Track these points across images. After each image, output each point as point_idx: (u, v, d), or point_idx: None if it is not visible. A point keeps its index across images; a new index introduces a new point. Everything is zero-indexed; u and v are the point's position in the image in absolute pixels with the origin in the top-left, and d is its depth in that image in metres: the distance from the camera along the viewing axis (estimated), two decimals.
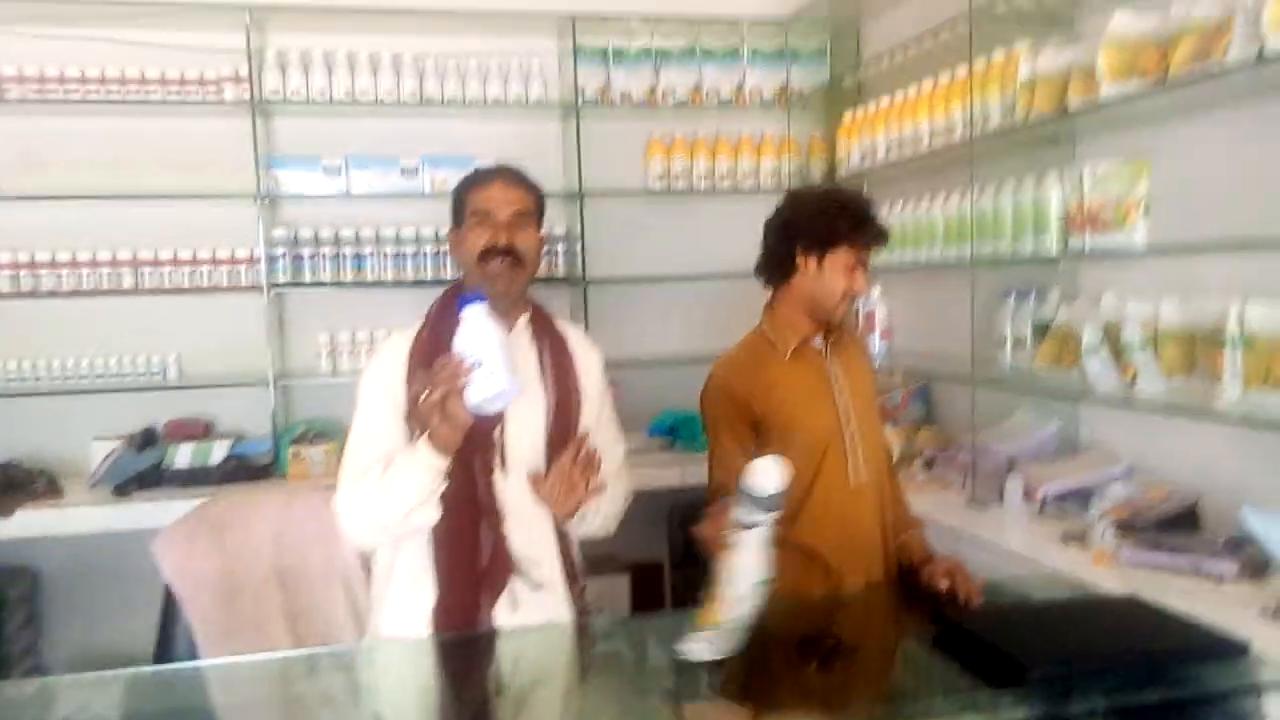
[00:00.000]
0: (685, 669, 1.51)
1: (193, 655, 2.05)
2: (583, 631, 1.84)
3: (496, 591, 1.78)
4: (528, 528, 1.82)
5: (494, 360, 1.59)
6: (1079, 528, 2.18)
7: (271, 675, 1.75)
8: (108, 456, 3.25)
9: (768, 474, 1.48)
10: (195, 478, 3.17)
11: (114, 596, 3.19)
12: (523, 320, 1.89)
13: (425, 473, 1.69)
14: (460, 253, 1.86)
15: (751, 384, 2.00)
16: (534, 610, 1.81)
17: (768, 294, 2.12)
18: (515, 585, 1.79)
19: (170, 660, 2.06)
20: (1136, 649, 1.49)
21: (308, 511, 2.24)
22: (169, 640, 2.12)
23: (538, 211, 1.88)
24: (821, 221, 1.96)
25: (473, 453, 1.75)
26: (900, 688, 1.60)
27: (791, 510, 1.96)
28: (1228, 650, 1.48)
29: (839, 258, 1.95)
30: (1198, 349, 2.09)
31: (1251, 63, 1.83)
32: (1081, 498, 2.30)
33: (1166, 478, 2.31)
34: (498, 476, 1.79)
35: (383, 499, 1.72)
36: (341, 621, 2.19)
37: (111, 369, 3.40)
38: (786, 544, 1.91)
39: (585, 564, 1.96)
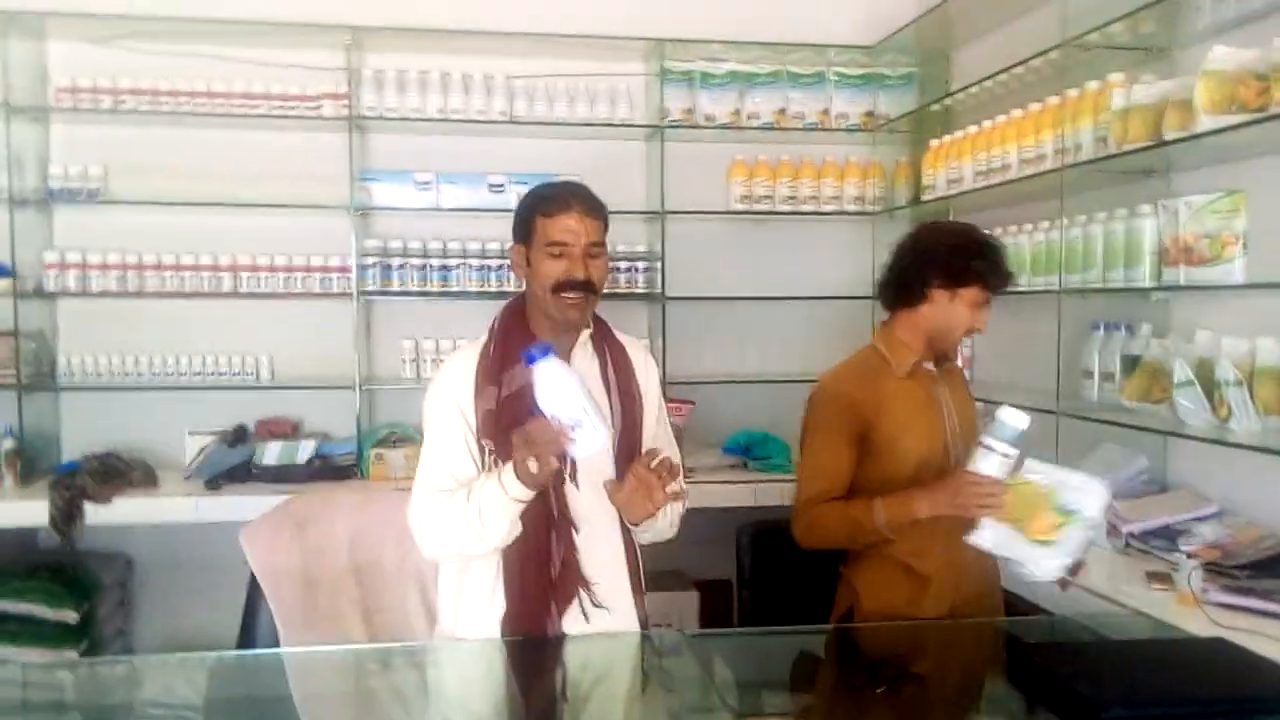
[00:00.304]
0: (746, 686, 1.51)
1: (274, 643, 2.12)
2: (650, 643, 1.85)
3: (566, 602, 1.81)
4: (597, 539, 1.84)
5: (589, 416, 1.61)
6: (1165, 568, 2.12)
7: (346, 666, 1.81)
8: (201, 451, 3.39)
9: (1016, 415, 1.80)
10: (282, 475, 3.28)
11: (202, 584, 3.32)
12: (585, 334, 1.91)
13: (513, 504, 1.71)
14: (531, 278, 1.84)
15: (865, 395, 2.05)
16: (601, 620, 1.83)
17: (884, 315, 2.22)
18: (583, 596, 1.81)
19: (252, 647, 2.14)
20: (1220, 694, 1.45)
21: (384, 512, 2.30)
22: (252, 627, 2.20)
23: (605, 236, 1.88)
24: (960, 258, 2.02)
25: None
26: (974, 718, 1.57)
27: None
28: None
29: (970, 295, 2.02)
30: None
31: None
32: (1168, 537, 2.23)
33: (1259, 521, 2.23)
34: (569, 488, 1.82)
35: (473, 532, 1.74)
36: (415, 619, 2.24)
37: (208, 368, 3.56)
38: (890, 560, 1.95)
39: (646, 575, 1.98)
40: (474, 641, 1.84)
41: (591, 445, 1.63)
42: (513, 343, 1.84)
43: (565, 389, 1.60)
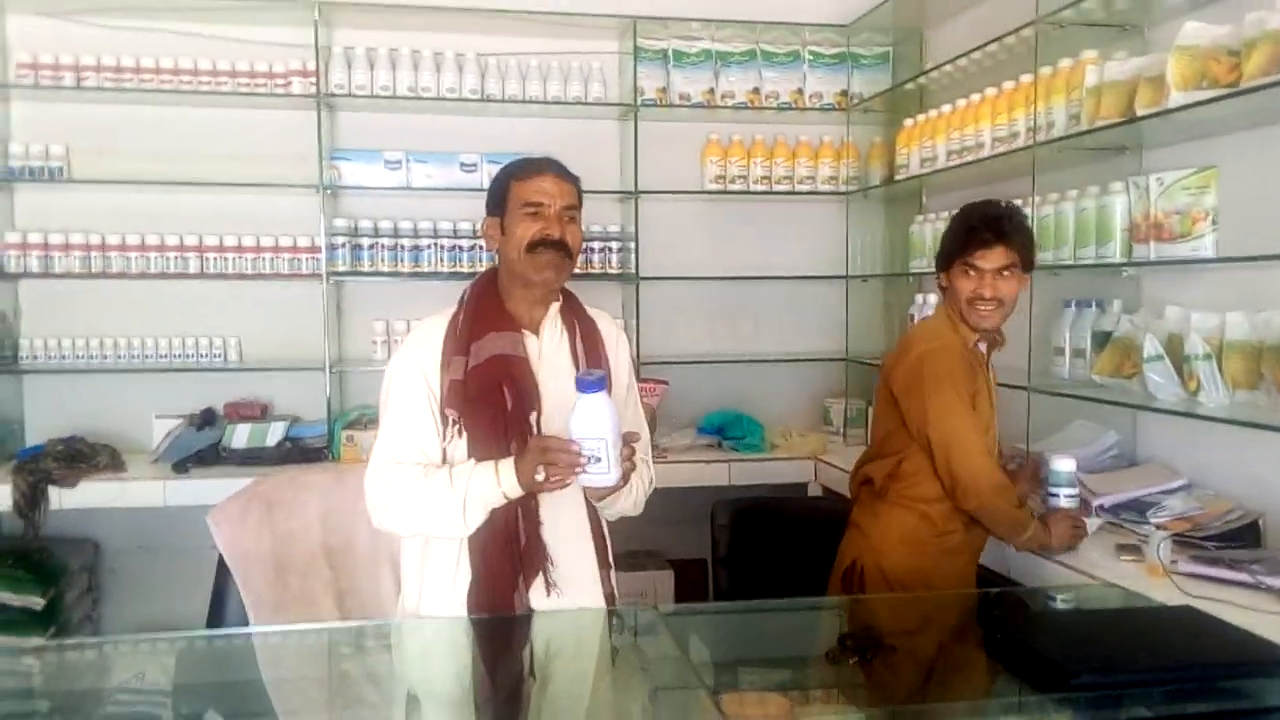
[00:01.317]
0: (718, 661, 1.51)
1: (244, 625, 2.10)
2: (619, 618, 1.84)
3: (532, 575, 1.80)
4: (561, 514, 1.83)
5: (611, 455, 1.61)
6: (1135, 540, 2.14)
7: (312, 646, 1.79)
8: (169, 434, 3.34)
9: (1068, 461, 2.18)
10: (252, 457, 3.25)
11: (170, 568, 3.28)
12: (555, 307, 1.90)
13: (501, 498, 1.71)
14: (505, 242, 1.83)
15: (967, 365, 2.13)
16: (567, 595, 1.82)
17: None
18: (549, 569, 1.80)
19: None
20: (1187, 660, 1.46)
21: (356, 492, 2.26)
22: (221, 611, 2.17)
23: (580, 206, 1.88)
24: (948, 239, 2.17)
25: (510, 438, 1.76)
26: (944, 688, 1.58)
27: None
28: None
29: (959, 267, 2.11)
30: (1264, 362, 2.04)
31: None
32: (1138, 509, 2.25)
33: (1228, 493, 2.26)
34: None
35: (442, 514, 1.73)
36: (388, 600, 2.22)
37: (175, 350, 3.51)
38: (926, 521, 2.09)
39: (622, 556, 1.97)
40: (441, 619, 1.82)
41: (599, 481, 1.64)
42: (483, 313, 1.83)
43: (601, 423, 1.60)
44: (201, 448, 3.27)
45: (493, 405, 1.77)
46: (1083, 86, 2.47)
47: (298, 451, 3.32)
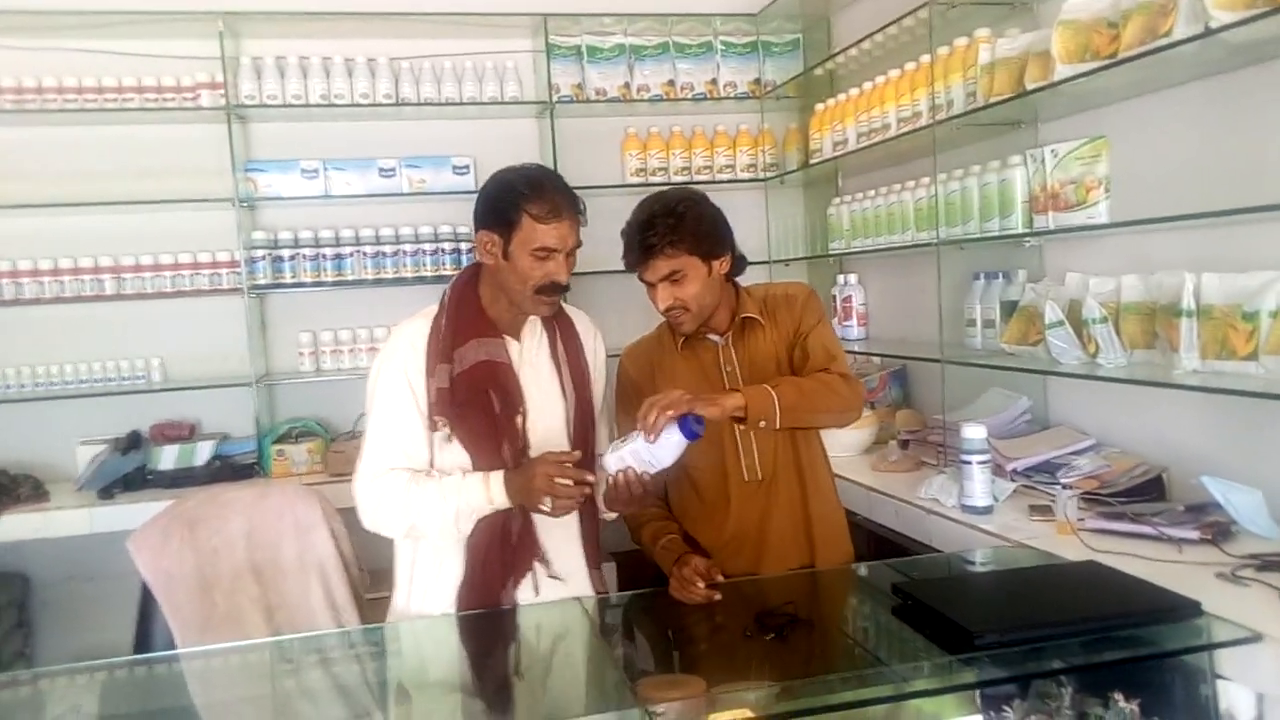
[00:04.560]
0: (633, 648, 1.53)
1: (170, 650, 2.08)
2: (586, 610, 1.86)
3: (521, 574, 1.82)
4: None
5: (631, 456, 1.71)
6: (1047, 500, 2.21)
7: (294, 656, 1.79)
8: (93, 460, 3.28)
9: (977, 428, 2.08)
10: (180, 479, 3.20)
11: (103, 598, 3.21)
12: None
13: (489, 507, 1.76)
14: (507, 269, 1.80)
15: (642, 368, 2.07)
16: (555, 592, 1.85)
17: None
18: (537, 568, 1.83)
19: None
20: (1087, 613, 1.51)
21: (280, 506, 2.27)
22: (146, 636, 2.15)
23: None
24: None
25: (500, 440, 1.79)
26: (859, 656, 1.62)
27: (679, 504, 2.03)
28: (1179, 610, 1.51)
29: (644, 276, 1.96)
30: (1157, 322, 2.11)
31: (1196, 40, 1.85)
32: (1049, 471, 2.33)
33: (1133, 450, 2.34)
34: (523, 462, 1.82)
35: (434, 521, 1.78)
36: (318, 613, 2.22)
37: (95, 374, 3.43)
38: (681, 536, 1.98)
39: (604, 550, 2.00)
40: (429, 618, 1.84)
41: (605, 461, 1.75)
42: (465, 319, 1.83)
43: (670, 456, 1.69)
44: (127, 472, 3.21)
45: (481, 410, 1.80)
46: (977, 65, 2.54)
47: (227, 469, 3.28)
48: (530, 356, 1.89)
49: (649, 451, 1.68)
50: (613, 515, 1.95)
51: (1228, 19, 1.78)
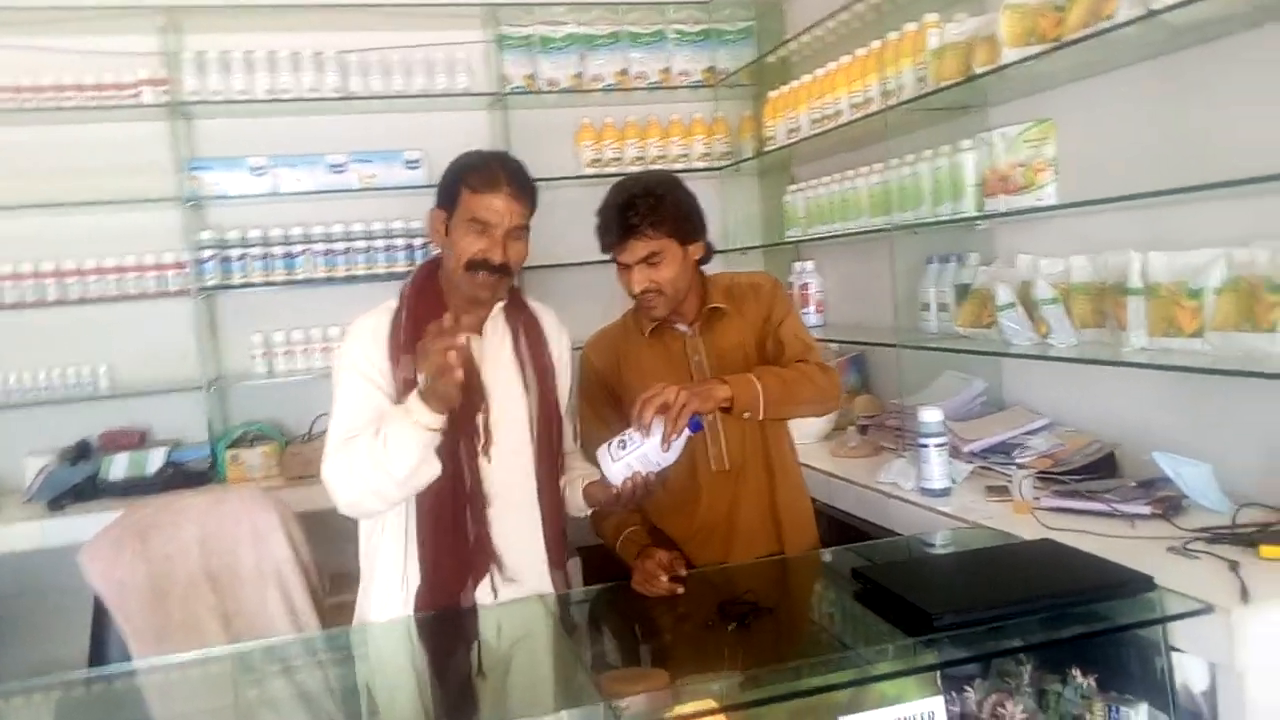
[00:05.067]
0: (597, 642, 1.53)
1: (126, 660, 2.04)
2: (547, 607, 1.84)
3: (479, 576, 1.79)
4: (511, 512, 1.83)
5: (639, 463, 1.68)
6: (1003, 481, 2.23)
7: (251, 666, 1.75)
8: (41, 471, 3.20)
9: (933, 411, 2.06)
10: (132, 488, 3.13)
11: (55, 612, 3.12)
12: (498, 306, 1.87)
13: (422, 432, 1.62)
14: (447, 248, 1.79)
15: (607, 359, 2.07)
16: (512, 594, 1.82)
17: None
18: (493, 570, 1.80)
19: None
20: (1043, 591, 1.53)
21: (236, 511, 2.23)
22: (101, 648, 2.11)
23: (529, 220, 1.82)
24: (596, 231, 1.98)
25: (458, 437, 1.74)
26: (821, 642, 1.63)
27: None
28: (1133, 585, 1.53)
29: (613, 260, 1.97)
30: (1106, 301, 2.14)
31: (1139, 21, 1.87)
32: (1005, 451, 2.35)
33: (1087, 428, 2.37)
34: (482, 461, 1.79)
35: (378, 467, 1.65)
36: (277, 619, 2.19)
37: (41, 383, 3.35)
38: (649, 528, 1.97)
39: (574, 554, 1.99)
40: (388, 621, 1.80)
41: (612, 465, 1.70)
42: (426, 313, 1.77)
43: (672, 456, 1.68)
44: (77, 482, 3.14)
45: None
46: (926, 49, 2.55)
47: (181, 477, 3.21)
48: (492, 352, 1.85)
49: (657, 454, 1.67)
50: (588, 511, 1.93)
51: (1170, 0, 1.80)
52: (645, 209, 1.88)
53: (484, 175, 1.75)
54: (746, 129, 3.81)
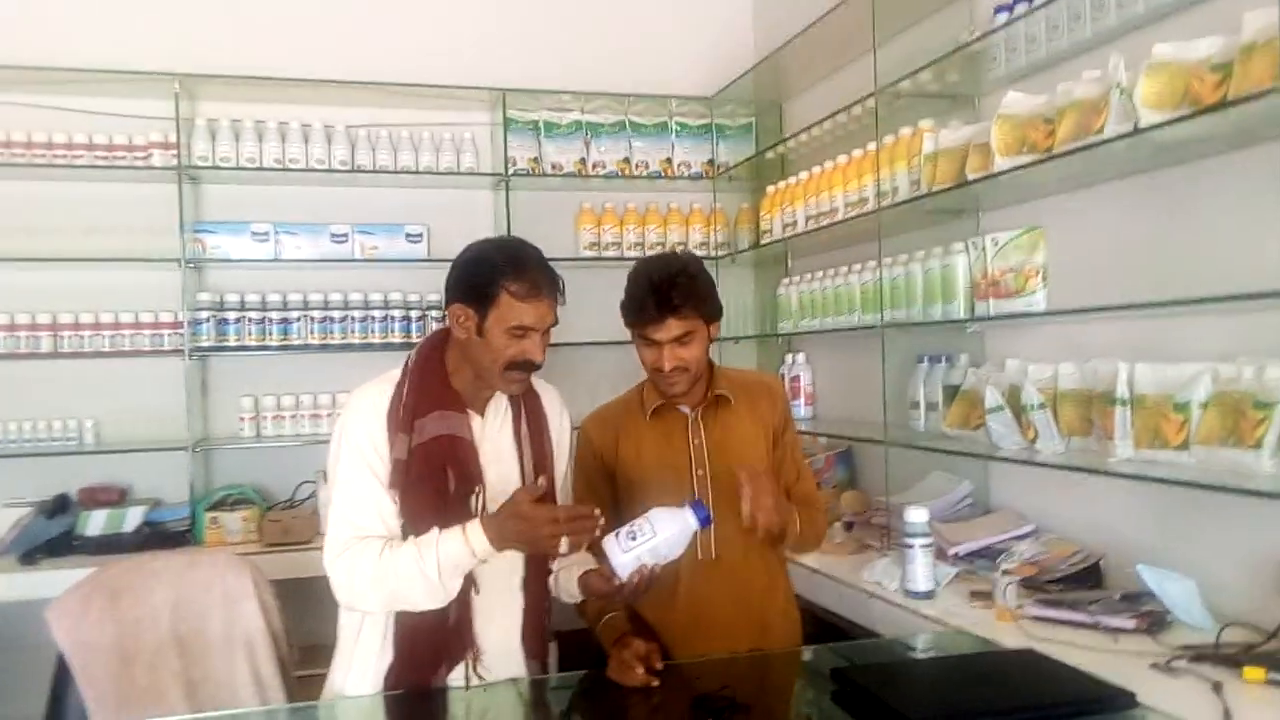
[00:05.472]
0: None
1: None
2: (520, 693, 1.80)
3: (453, 664, 1.76)
4: (495, 601, 1.80)
5: (650, 556, 1.66)
6: (987, 586, 2.21)
7: None
8: (16, 523, 3.16)
9: (919, 511, 2.16)
10: (107, 545, 3.08)
11: (16, 667, 3.04)
12: None
13: (468, 556, 1.64)
14: (479, 346, 1.74)
15: (606, 436, 2.06)
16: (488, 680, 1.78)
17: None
18: (469, 661, 1.76)
19: None
20: (1023, 701, 1.51)
21: (209, 577, 2.19)
22: (59, 709, 2.04)
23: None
24: (621, 307, 2.00)
25: (448, 519, 1.69)
26: None
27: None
28: (1115, 701, 1.51)
29: (637, 337, 1.97)
30: (1093, 409, 2.15)
31: (1126, 138, 1.93)
32: (990, 556, 2.34)
33: (1072, 535, 2.36)
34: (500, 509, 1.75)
35: (417, 586, 1.64)
36: (243, 690, 2.13)
37: (26, 433, 3.33)
38: (630, 613, 1.93)
39: (552, 638, 1.95)
40: (357, 698, 1.75)
41: (620, 567, 1.66)
42: (428, 389, 1.77)
43: (678, 547, 1.68)
44: (52, 536, 3.09)
45: (435, 488, 1.73)
46: (921, 154, 2.62)
47: (157, 537, 3.16)
48: (492, 433, 1.83)
49: (667, 546, 1.65)
50: (579, 599, 1.88)
51: (1155, 118, 1.86)
52: (684, 288, 1.90)
53: (526, 283, 1.72)
54: (744, 220, 3.88)
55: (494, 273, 1.72)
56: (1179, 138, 1.90)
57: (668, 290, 1.89)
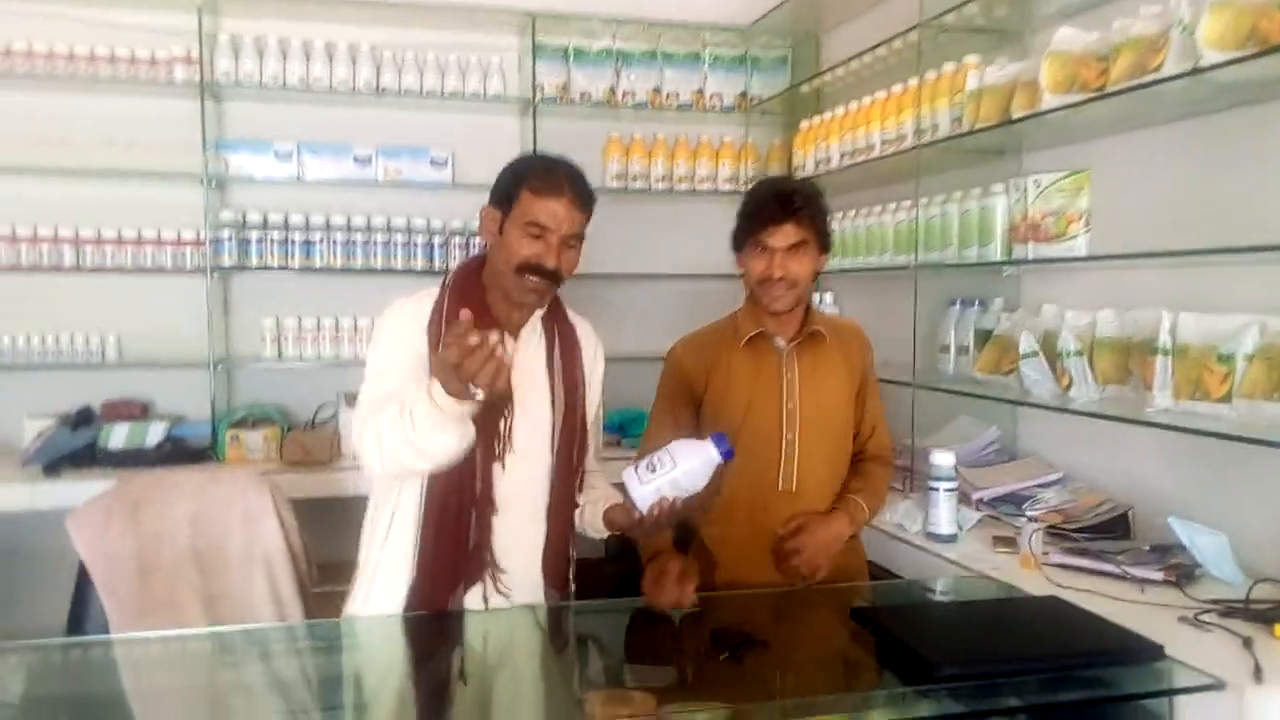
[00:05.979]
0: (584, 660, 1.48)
1: (105, 633, 2.00)
2: (537, 618, 1.79)
3: (471, 583, 1.75)
4: (516, 524, 1.78)
5: (670, 488, 1.61)
6: (1012, 532, 2.19)
7: (239, 646, 1.72)
8: (40, 434, 3.17)
9: (946, 455, 2.19)
10: (129, 459, 3.10)
11: (38, 575, 3.11)
12: (538, 313, 1.84)
13: (441, 417, 1.53)
14: (498, 248, 1.74)
15: (699, 363, 2.03)
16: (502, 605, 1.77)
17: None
18: (487, 581, 1.75)
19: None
20: (1050, 650, 1.48)
21: (230, 494, 2.20)
22: (80, 617, 2.07)
23: (584, 231, 1.78)
24: (738, 218, 2.00)
25: (478, 443, 1.67)
26: (813, 682, 1.58)
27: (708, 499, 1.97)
28: (1142, 653, 1.48)
29: (750, 247, 1.96)
30: (1131, 358, 2.10)
31: (1186, 77, 1.85)
32: (1015, 503, 2.31)
33: (1101, 485, 2.33)
34: (496, 467, 1.75)
35: (401, 443, 1.56)
36: (260, 606, 2.15)
37: (49, 347, 3.33)
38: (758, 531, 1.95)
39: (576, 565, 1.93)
40: (373, 617, 1.76)
41: (640, 499, 1.62)
42: (468, 302, 1.72)
43: (699, 480, 1.62)
44: (76, 448, 3.11)
45: None
46: (964, 90, 2.53)
47: (179, 452, 3.18)
48: (525, 359, 1.81)
49: (688, 479, 1.62)
50: (605, 534, 1.87)
51: (1218, 58, 1.77)
52: (806, 198, 1.94)
53: (547, 179, 1.71)
54: (775, 156, 3.80)
55: (522, 170, 1.75)
56: (1242, 79, 1.82)
57: (791, 194, 1.93)
